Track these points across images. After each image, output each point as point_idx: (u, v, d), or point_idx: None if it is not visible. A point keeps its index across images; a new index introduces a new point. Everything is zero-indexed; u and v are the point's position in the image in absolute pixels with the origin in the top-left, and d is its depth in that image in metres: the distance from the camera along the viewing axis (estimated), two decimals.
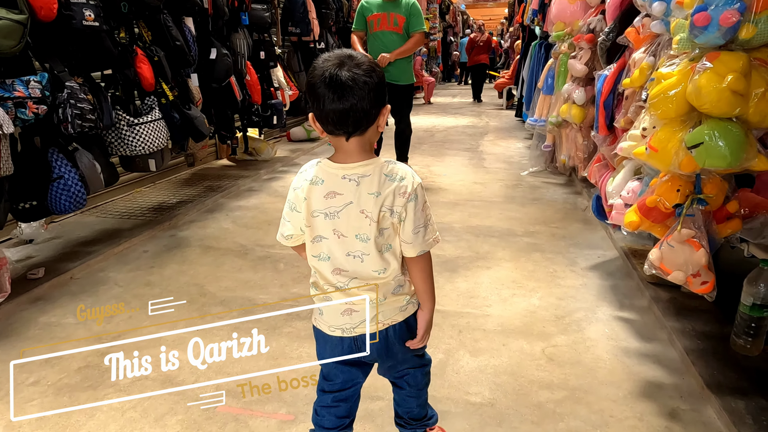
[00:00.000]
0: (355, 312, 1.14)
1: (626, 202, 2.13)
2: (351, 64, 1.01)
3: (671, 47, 2.05)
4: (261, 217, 3.73)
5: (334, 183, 1.09)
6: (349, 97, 1.00)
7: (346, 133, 1.05)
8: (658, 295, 2.32)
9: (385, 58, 4.04)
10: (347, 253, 1.11)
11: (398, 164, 1.11)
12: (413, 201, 1.09)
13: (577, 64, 3.93)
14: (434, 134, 7.33)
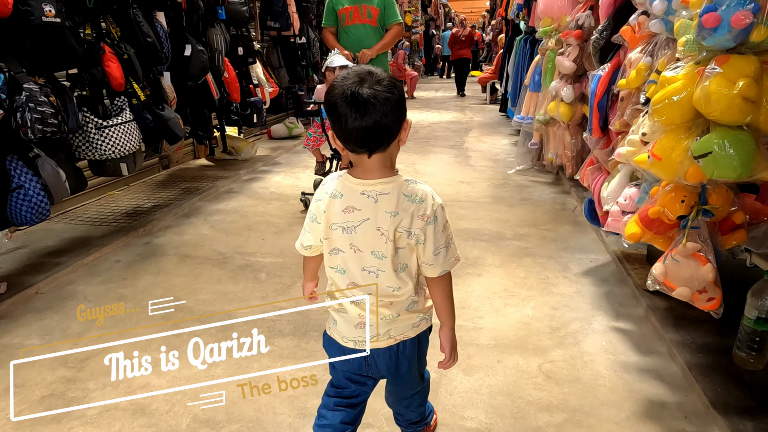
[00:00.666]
0: (366, 326, 1.14)
1: (623, 209, 2.04)
2: (371, 81, 1.00)
3: (670, 47, 1.97)
4: (241, 221, 3.58)
5: (352, 198, 1.09)
6: (372, 115, 0.99)
7: (369, 150, 1.04)
8: (655, 303, 2.25)
9: (366, 54, 3.86)
10: (363, 268, 1.12)
11: (419, 184, 1.10)
12: (432, 224, 1.08)
13: (565, 60, 3.84)
14: (418, 130, 7.21)
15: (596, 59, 2.48)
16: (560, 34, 4.09)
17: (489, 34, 16.87)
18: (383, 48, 3.96)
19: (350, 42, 3.94)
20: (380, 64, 4.05)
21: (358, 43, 3.88)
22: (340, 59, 3.47)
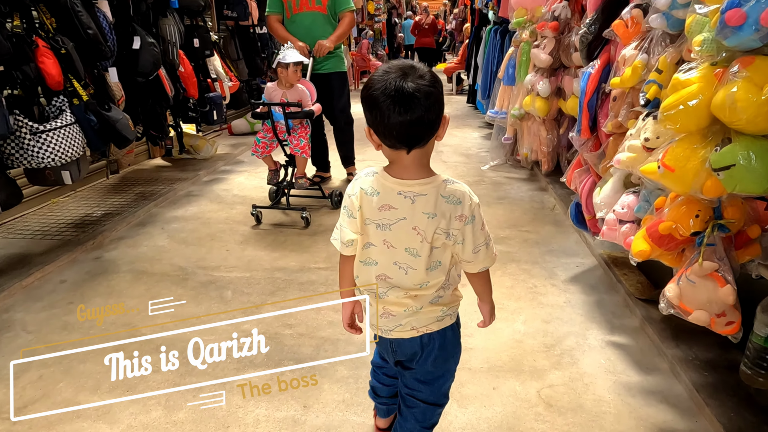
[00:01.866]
0: (391, 316, 1.17)
1: (621, 218, 1.91)
2: (415, 75, 0.99)
3: (667, 44, 1.83)
4: (203, 230, 3.30)
5: (389, 197, 1.09)
6: (416, 109, 0.98)
7: (409, 146, 1.03)
8: (650, 314, 2.14)
9: (323, 46, 3.53)
10: (394, 263, 1.12)
11: (456, 183, 1.10)
12: (471, 223, 1.09)
13: (540, 53, 3.70)
14: None
15: (584, 55, 2.34)
16: (534, 25, 3.95)
17: (451, 23, 16.77)
18: (339, 38, 3.66)
19: (298, 33, 3.59)
20: (337, 57, 3.81)
21: (306, 34, 3.55)
22: (293, 54, 3.17)
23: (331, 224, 3.18)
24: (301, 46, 3.46)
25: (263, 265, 2.78)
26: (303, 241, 3.08)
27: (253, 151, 3.39)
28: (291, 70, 3.17)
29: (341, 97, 3.97)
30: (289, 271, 2.72)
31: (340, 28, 3.66)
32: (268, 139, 3.35)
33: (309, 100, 3.33)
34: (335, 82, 3.86)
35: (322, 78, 3.75)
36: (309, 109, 3.23)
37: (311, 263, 2.80)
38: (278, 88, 3.29)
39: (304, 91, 3.30)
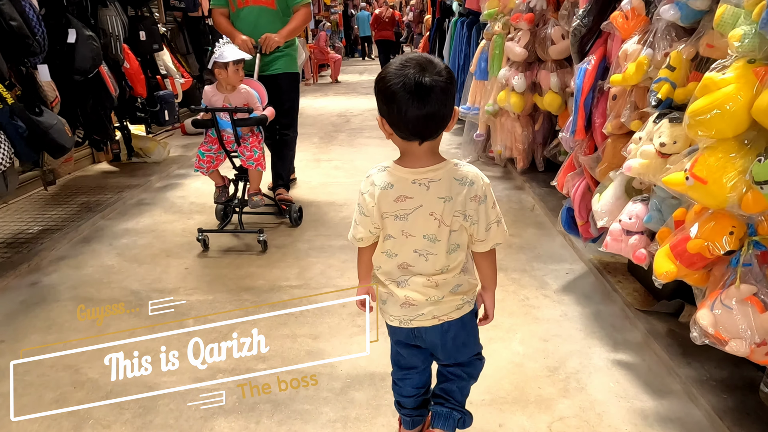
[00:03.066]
0: (412, 305, 1.19)
1: (628, 229, 1.75)
2: (432, 71, 1.00)
3: (672, 37, 1.67)
4: (157, 244, 2.97)
5: (404, 187, 1.11)
6: (433, 104, 1.00)
7: (422, 138, 1.06)
8: (653, 326, 2.01)
9: (272, 40, 3.03)
10: (414, 251, 1.15)
11: (465, 166, 1.13)
12: (484, 203, 1.12)
13: (515, 47, 3.54)
14: (350, 119, 6.75)
15: (575, 49, 2.17)
16: (507, 17, 3.79)
17: (408, 15, 16.57)
18: (291, 34, 3.22)
19: (245, 28, 3.13)
20: (287, 57, 3.32)
21: (252, 31, 3.08)
22: (233, 51, 2.67)
23: (292, 244, 2.94)
24: (244, 39, 3.01)
25: (228, 284, 2.50)
26: (271, 255, 2.81)
27: (196, 167, 2.87)
28: (231, 70, 2.67)
29: (290, 104, 3.41)
30: (257, 291, 2.45)
31: (293, 22, 3.20)
32: (214, 151, 2.86)
33: (259, 103, 2.87)
34: (284, 85, 3.32)
35: (269, 80, 3.21)
36: (261, 115, 2.77)
37: (282, 281, 2.54)
38: (218, 92, 2.78)
39: (250, 92, 2.82)
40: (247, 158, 2.84)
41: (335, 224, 3.20)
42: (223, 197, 2.97)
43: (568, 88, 3.39)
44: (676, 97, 1.56)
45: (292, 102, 3.43)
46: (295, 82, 3.46)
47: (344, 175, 4.29)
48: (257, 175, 2.94)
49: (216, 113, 2.70)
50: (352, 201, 3.61)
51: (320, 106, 7.89)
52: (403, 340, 1.27)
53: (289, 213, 3.14)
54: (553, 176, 3.99)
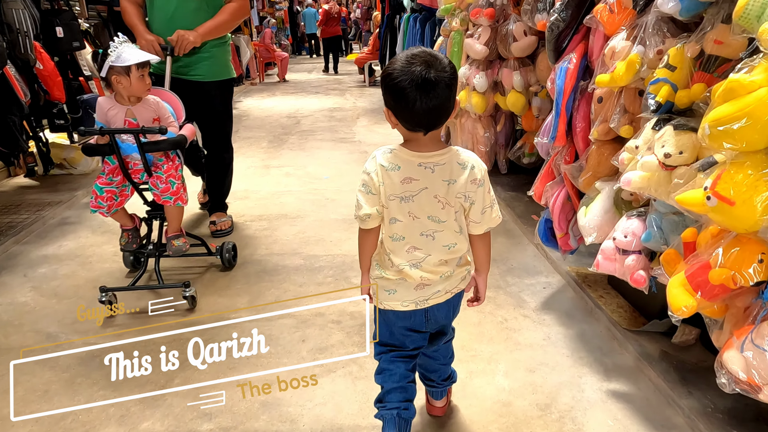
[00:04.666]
0: (427, 286, 1.25)
1: (623, 248, 1.56)
2: (438, 66, 1.05)
3: (664, 32, 1.49)
4: (82, 274, 2.57)
5: (410, 170, 1.16)
6: (438, 98, 1.06)
7: (427, 129, 1.12)
8: (643, 349, 1.84)
9: (186, 40, 2.40)
10: (420, 233, 1.21)
11: (465, 152, 1.20)
12: (482, 186, 1.19)
13: (475, 44, 3.35)
14: (300, 121, 6.41)
15: (551, 46, 1.97)
16: (465, 13, 3.59)
17: (355, 12, 16.28)
18: (214, 31, 2.54)
19: (161, 21, 2.51)
20: (213, 60, 2.67)
21: (168, 25, 2.46)
22: (134, 53, 2.01)
23: (241, 266, 2.59)
24: (149, 39, 2.40)
25: (166, 318, 2.15)
26: (216, 281, 2.48)
27: (93, 207, 2.19)
28: (135, 76, 2.03)
29: (221, 119, 2.82)
30: (197, 324, 2.12)
31: (219, 17, 2.53)
32: (117, 184, 2.18)
33: (173, 119, 2.23)
34: (214, 96, 2.71)
35: (191, 89, 2.60)
36: (178, 136, 2.13)
37: (231, 313, 2.22)
38: (117, 104, 2.11)
39: (160, 104, 2.18)
40: (163, 192, 2.16)
41: (288, 241, 2.90)
42: (133, 243, 2.32)
43: (531, 87, 3.24)
44: (677, 100, 1.38)
45: (223, 117, 2.84)
46: (227, 91, 2.82)
47: (297, 182, 3.98)
48: (177, 213, 2.27)
49: (116, 135, 2.03)
50: (306, 213, 3.31)
51: (268, 107, 7.50)
52: (415, 327, 1.31)
53: (220, 253, 2.49)
54: (516, 179, 3.87)
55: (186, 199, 2.26)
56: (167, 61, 2.44)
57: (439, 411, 1.58)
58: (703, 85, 1.30)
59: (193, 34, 2.43)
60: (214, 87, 2.69)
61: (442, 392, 1.55)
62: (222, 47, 2.73)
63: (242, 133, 5.80)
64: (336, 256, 2.71)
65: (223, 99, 2.79)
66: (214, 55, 2.66)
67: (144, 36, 2.41)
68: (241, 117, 6.76)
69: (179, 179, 2.21)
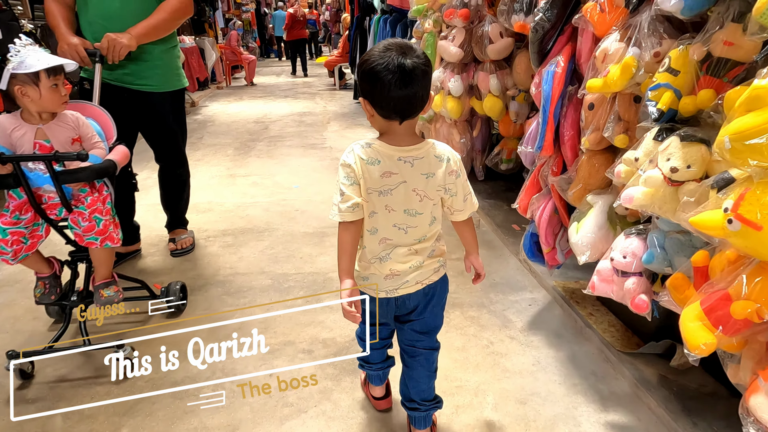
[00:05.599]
0: (396, 276, 1.26)
1: (621, 269, 1.42)
2: (412, 54, 1.08)
3: (661, 32, 1.36)
4: (21, 302, 2.29)
5: (390, 164, 1.17)
6: (413, 85, 1.08)
7: (403, 117, 1.14)
8: (641, 374, 1.72)
9: (120, 44, 2.02)
10: (393, 225, 1.22)
11: (440, 145, 1.22)
12: (459, 176, 1.23)
13: (449, 46, 3.21)
14: (268, 126, 6.16)
15: (534, 48, 1.83)
16: (438, 14, 3.45)
17: (324, 14, 16.06)
18: (154, 32, 2.18)
19: (94, 20, 2.15)
20: (163, 65, 2.34)
21: (104, 26, 2.09)
22: (41, 57, 1.60)
23: (201, 289, 2.36)
24: (73, 43, 2.00)
25: None
26: (168, 315, 2.25)
27: None
28: (46, 87, 1.61)
29: (174, 131, 2.53)
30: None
31: (157, 15, 2.16)
32: (26, 224, 1.74)
33: (100, 140, 1.82)
34: (165, 108, 2.41)
35: (140, 99, 2.30)
36: (106, 162, 1.71)
37: None
38: (24, 123, 1.69)
39: (80, 121, 1.77)
40: (86, 231, 1.73)
41: (255, 258, 2.68)
42: (51, 295, 1.87)
43: (509, 90, 3.11)
44: (681, 107, 1.25)
45: (176, 130, 2.54)
46: (179, 102, 2.51)
47: (264, 193, 3.76)
48: (106, 256, 1.84)
49: (21, 162, 1.60)
50: (274, 226, 3.10)
51: (234, 112, 7.22)
52: (389, 313, 1.33)
53: (166, 294, 2.08)
54: (494, 186, 3.75)
55: (117, 239, 1.81)
56: (96, 70, 2.05)
57: None
58: (711, 91, 1.17)
59: (127, 36, 2.06)
60: (164, 98, 2.39)
61: (426, 419, 1.44)
62: (171, 53, 2.40)
63: (207, 139, 5.53)
64: (307, 274, 2.51)
65: (175, 111, 2.50)
66: (165, 62, 2.35)
67: (66, 39, 2.02)
68: (206, 122, 6.48)
69: (107, 214, 1.77)
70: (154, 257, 2.73)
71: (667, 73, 1.26)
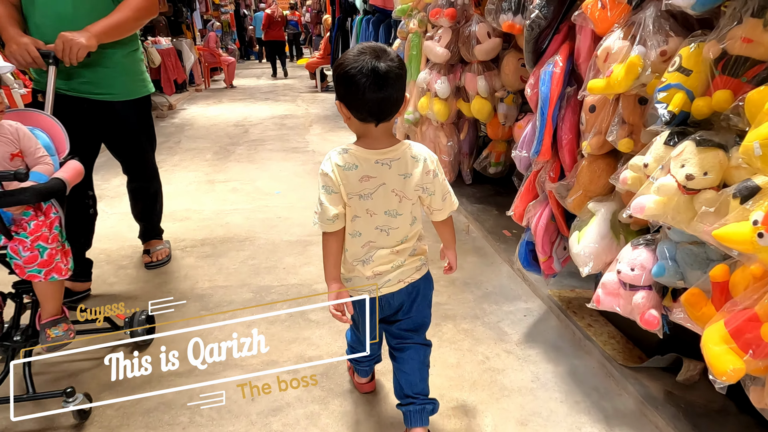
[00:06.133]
0: (378, 275, 1.28)
1: (629, 282, 1.33)
2: (386, 58, 1.10)
3: (668, 29, 1.28)
4: None
5: (368, 167, 1.19)
6: (387, 88, 1.10)
7: (378, 120, 1.14)
8: (645, 389, 1.63)
9: (78, 44, 1.79)
10: (375, 227, 1.24)
11: (416, 145, 1.24)
12: (437, 176, 1.25)
13: (435, 47, 3.11)
14: (248, 130, 6.00)
15: (529, 47, 1.73)
16: (423, 13, 3.35)
17: (304, 15, 15.88)
18: (115, 31, 1.95)
19: (38, 23, 1.92)
20: (125, 71, 2.11)
21: (54, 29, 1.83)
22: None
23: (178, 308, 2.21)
24: (23, 42, 1.79)
25: (84, 384, 1.77)
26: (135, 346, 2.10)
27: None
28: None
29: (141, 142, 2.31)
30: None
31: (119, 13, 1.94)
32: None
33: (44, 153, 1.59)
34: (129, 118, 2.18)
35: (102, 110, 2.08)
36: (52, 181, 1.49)
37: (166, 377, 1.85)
38: None
39: (21, 133, 1.55)
40: (27, 262, 1.49)
41: (235, 270, 2.54)
42: None
43: (497, 92, 3.03)
44: (694, 110, 1.16)
45: (143, 141, 2.32)
46: (145, 110, 2.28)
47: (245, 199, 3.61)
48: (52, 290, 1.60)
49: None
50: (256, 235, 2.97)
51: (213, 115, 7.04)
52: (372, 311, 1.29)
53: (130, 325, 1.79)
54: (482, 190, 3.66)
55: (66, 270, 1.56)
56: (50, 73, 1.84)
57: None
58: (728, 92, 1.09)
59: (85, 35, 1.80)
60: (129, 107, 2.16)
61: (422, 415, 1.40)
62: (134, 57, 2.15)
63: (184, 144, 5.35)
64: (291, 286, 2.38)
65: (142, 120, 2.28)
66: (127, 67, 2.11)
67: (15, 39, 1.80)
68: (184, 126, 6.28)
69: (54, 241, 1.52)
70: (127, 270, 2.57)
71: (678, 72, 1.18)
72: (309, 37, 15.45)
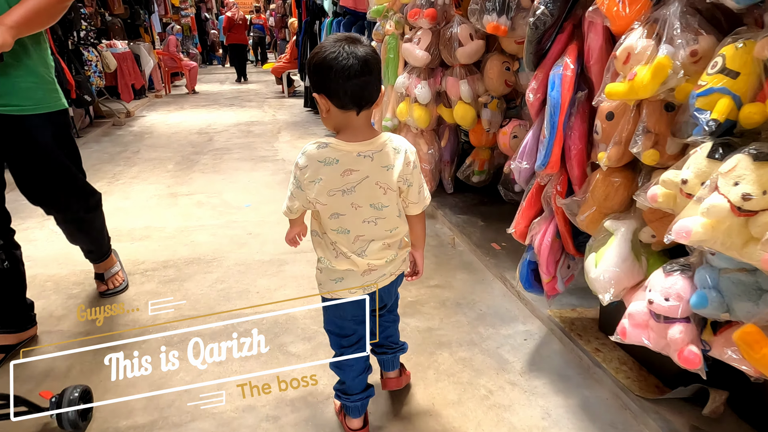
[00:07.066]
0: (373, 270, 1.29)
1: (662, 314, 1.17)
2: (362, 44, 1.11)
3: (696, 24, 1.13)
4: None
5: (349, 161, 1.17)
6: (366, 73, 1.09)
7: (359, 107, 1.13)
8: (669, 425, 1.47)
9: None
10: (363, 220, 1.24)
11: (395, 137, 1.24)
12: (416, 168, 1.26)
13: (415, 49, 2.93)
14: (213, 138, 5.69)
15: (531, 49, 1.56)
16: (399, 14, 3.17)
17: (269, 19, 15.53)
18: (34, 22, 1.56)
19: None
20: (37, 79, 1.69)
21: None
22: None
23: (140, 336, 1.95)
24: None
25: None
26: (103, 369, 1.82)
27: None
28: None
29: (61, 164, 1.84)
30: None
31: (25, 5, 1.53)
32: None
33: None
34: (43, 135, 1.75)
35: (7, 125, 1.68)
36: None
37: (122, 418, 1.59)
38: None
39: None
40: None
41: (203, 295, 2.29)
42: None
43: (480, 97, 2.87)
44: (743, 118, 1.01)
45: (63, 164, 1.85)
46: (63, 127, 1.84)
47: (211, 214, 3.33)
48: None
49: None
50: (224, 254, 2.71)
51: (175, 122, 6.68)
52: (363, 310, 1.26)
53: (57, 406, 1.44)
54: (465, 199, 3.49)
55: None
56: None
57: (394, 383, 1.61)
58: None
59: (4, 26, 1.45)
60: (42, 122, 1.73)
61: (394, 361, 1.59)
62: (46, 61, 1.74)
63: (144, 153, 5.01)
64: (265, 314, 2.14)
65: (60, 137, 1.82)
66: (40, 73, 1.70)
67: None
68: (143, 134, 5.92)
69: None
70: (77, 300, 2.28)
71: (722, 74, 1.02)
72: (274, 41, 15.10)
